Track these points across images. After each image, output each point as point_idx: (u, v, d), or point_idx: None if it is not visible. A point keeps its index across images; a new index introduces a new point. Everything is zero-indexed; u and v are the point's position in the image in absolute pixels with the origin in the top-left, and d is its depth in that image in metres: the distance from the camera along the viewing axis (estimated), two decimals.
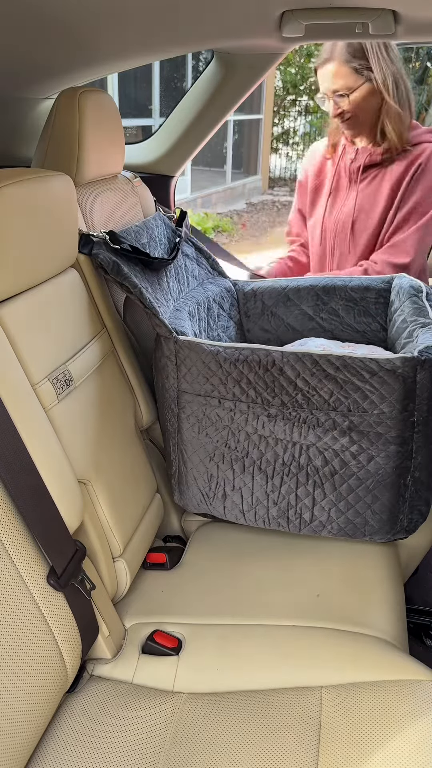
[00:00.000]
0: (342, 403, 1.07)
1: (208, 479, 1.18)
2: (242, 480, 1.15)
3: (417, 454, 1.09)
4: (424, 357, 1.05)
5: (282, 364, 1.08)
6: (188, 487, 1.21)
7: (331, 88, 1.62)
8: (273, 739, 0.85)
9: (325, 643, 1.00)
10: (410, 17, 1.31)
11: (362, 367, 1.05)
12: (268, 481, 1.14)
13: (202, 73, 1.89)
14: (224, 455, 1.15)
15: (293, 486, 1.13)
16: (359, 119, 1.67)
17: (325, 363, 1.06)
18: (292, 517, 1.15)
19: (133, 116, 7.09)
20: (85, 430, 1.05)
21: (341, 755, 0.82)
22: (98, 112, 1.26)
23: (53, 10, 1.11)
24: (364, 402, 1.06)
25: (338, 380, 1.06)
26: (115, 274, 1.15)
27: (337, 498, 1.12)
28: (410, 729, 0.83)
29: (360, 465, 1.09)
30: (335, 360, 1.06)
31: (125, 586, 1.10)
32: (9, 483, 0.81)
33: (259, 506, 1.16)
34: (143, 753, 0.86)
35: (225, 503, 1.19)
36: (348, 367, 1.06)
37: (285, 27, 1.34)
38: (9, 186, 0.90)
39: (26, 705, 0.79)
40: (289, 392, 1.09)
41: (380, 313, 1.50)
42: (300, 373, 1.07)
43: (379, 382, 1.05)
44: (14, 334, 0.93)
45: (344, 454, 1.09)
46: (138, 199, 1.56)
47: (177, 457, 1.21)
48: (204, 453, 1.17)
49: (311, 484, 1.12)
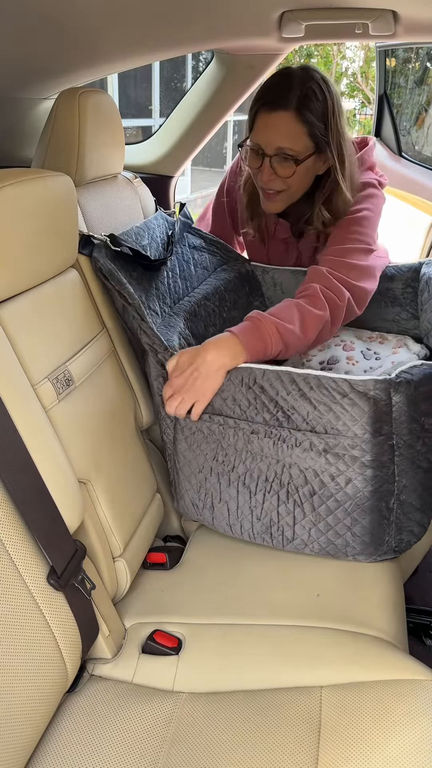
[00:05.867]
0: (318, 422, 1.04)
1: (198, 489, 1.18)
2: (228, 493, 1.15)
3: (401, 477, 1.05)
4: (399, 379, 1.02)
5: (262, 382, 1.07)
6: (182, 495, 1.22)
7: (278, 143, 1.24)
8: (273, 739, 0.85)
9: (325, 643, 1.00)
10: (410, 17, 1.31)
11: (334, 388, 1.03)
12: (251, 497, 1.13)
13: (202, 73, 1.90)
14: (212, 468, 1.15)
15: (275, 503, 1.12)
16: (291, 196, 1.34)
17: (301, 382, 1.04)
18: (275, 533, 1.14)
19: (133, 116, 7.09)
20: (85, 430, 1.05)
21: (341, 755, 0.82)
22: (98, 112, 1.26)
23: (53, 10, 1.11)
24: (338, 423, 1.03)
25: (312, 400, 1.04)
26: (115, 282, 1.14)
27: (316, 518, 1.10)
28: (410, 729, 0.83)
29: (338, 487, 1.06)
30: (311, 379, 1.04)
31: (125, 585, 1.10)
32: (9, 483, 0.81)
33: (245, 520, 1.16)
34: (143, 753, 0.86)
35: (213, 514, 1.19)
36: (321, 387, 1.03)
37: (285, 27, 1.35)
38: (9, 186, 0.90)
39: (26, 705, 0.79)
40: (270, 410, 1.07)
41: (410, 302, 1.46)
42: (278, 391, 1.06)
43: (349, 403, 1.02)
44: (14, 334, 0.93)
45: (323, 475, 1.06)
46: (138, 199, 1.56)
47: (172, 466, 1.22)
48: (195, 465, 1.17)
49: (291, 502, 1.10)
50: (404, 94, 3.07)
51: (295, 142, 1.24)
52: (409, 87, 3.05)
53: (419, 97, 3.02)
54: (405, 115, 3.01)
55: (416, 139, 2.93)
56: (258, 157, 1.28)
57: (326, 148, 1.27)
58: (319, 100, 1.23)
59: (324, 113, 1.24)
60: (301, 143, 1.24)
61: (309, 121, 1.23)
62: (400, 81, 3.03)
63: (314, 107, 1.23)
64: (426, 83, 2.98)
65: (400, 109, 3.02)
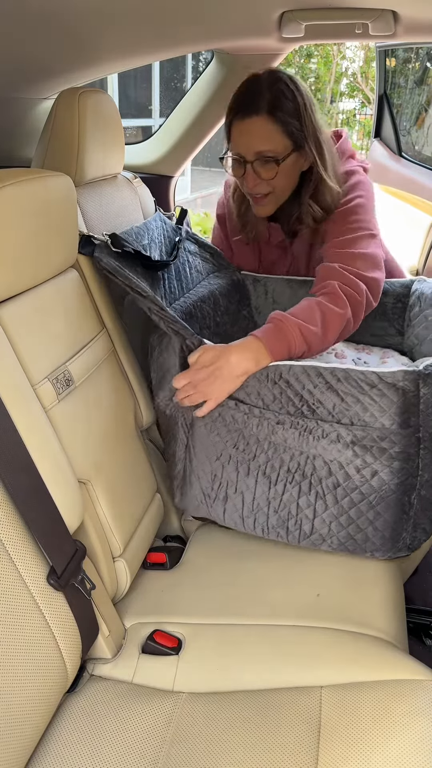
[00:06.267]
0: (345, 415, 1.06)
1: (212, 479, 1.17)
2: (245, 483, 1.14)
3: (423, 471, 1.06)
4: (428, 371, 1.03)
5: (288, 377, 1.07)
6: (191, 486, 1.20)
7: (257, 148, 1.25)
8: (273, 739, 0.85)
9: (325, 642, 1.00)
10: (410, 17, 1.31)
11: (363, 380, 1.04)
12: (270, 487, 1.13)
13: (202, 74, 1.90)
14: (231, 456, 1.14)
15: (295, 494, 1.11)
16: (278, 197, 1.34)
17: (328, 375, 1.06)
18: (291, 528, 1.14)
19: (133, 116, 7.09)
20: (85, 430, 1.05)
21: (341, 755, 0.82)
22: (98, 112, 1.26)
23: (53, 10, 1.11)
24: (365, 414, 1.05)
25: (339, 392, 1.05)
26: (123, 278, 1.14)
27: (338, 511, 1.10)
28: (410, 729, 0.83)
29: (363, 479, 1.07)
30: (339, 372, 1.05)
31: (125, 585, 1.10)
32: (9, 483, 0.81)
33: (260, 513, 1.15)
34: (143, 753, 0.86)
35: (225, 506, 1.18)
36: (349, 379, 1.05)
37: (285, 27, 1.35)
38: (9, 186, 0.90)
39: (26, 705, 0.79)
40: (295, 404, 1.08)
41: (397, 317, 1.48)
42: (305, 385, 1.07)
43: (378, 394, 1.04)
44: (14, 334, 0.93)
45: (348, 467, 1.07)
46: (138, 199, 1.56)
47: (183, 456, 1.19)
48: (212, 452, 1.15)
49: (313, 494, 1.10)
50: (404, 94, 3.07)
51: (273, 144, 1.25)
52: (409, 87, 3.05)
53: (419, 97, 3.02)
54: (405, 115, 3.01)
55: (416, 139, 2.93)
56: (240, 165, 1.29)
57: (305, 144, 1.27)
58: (290, 99, 1.24)
59: (297, 110, 1.25)
60: (279, 143, 1.25)
61: (283, 121, 1.24)
62: (400, 81, 3.03)
63: (286, 106, 1.23)
64: (426, 83, 2.98)
65: (400, 109, 3.02)
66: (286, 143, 1.25)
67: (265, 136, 1.24)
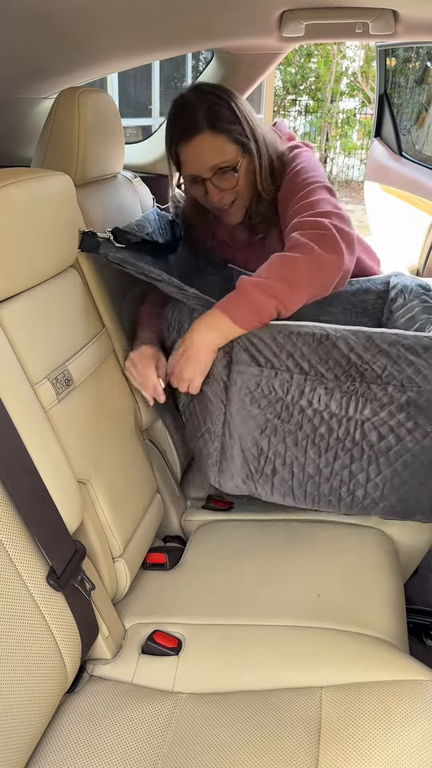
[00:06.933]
0: (395, 377, 1.06)
1: (258, 453, 1.14)
2: (294, 454, 1.13)
3: None
4: None
5: (335, 339, 1.08)
6: (232, 461, 1.16)
7: (211, 163, 1.24)
8: (273, 739, 0.85)
9: (325, 643, 1.00)
10: (410, 17, 1.31)
11: (416, 342, 1.06)
12: (321, 456, 1.12)
13: (202, 73, 1.89)
14: (276, 428, 1.12)
15: (347, 461, 1.11)
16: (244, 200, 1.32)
17: (378, 338, 1.07)
18: (344, 495, 1.13)
19: (133, 116, 7.08)
20: (84, 430, 1.05)
21: (341, 755, 0.82)
22: (98, 112, 1.26)
23: (53, 10, 1.11)
24: (417, 377, 1.05)
25: (391, 355, 1.06)
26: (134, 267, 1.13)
27: (392, 474, 1.10)
28: (410, 729, 0.83)
29: (415, 441, 1.07)
30: (389, 335, 1.06)
31: (125, 586, 1.10)
32: (9, 483, 0.81)
33: (310, 482, 1.13)
34: (143, 753, 0.86)
35: (273, 479, 1.15)
36: (401, 343, 1.06)
37: (285, 27, 1.35)
38: (9, 186, 0.90)
39: (26, 705, 0.79)
40: (342, 365, 1.08)
41: (377, 312, 1.49)
42: (353, 347, 1.07)
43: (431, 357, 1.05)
44: (14, 334, 0.93)
45: (400, 430, 1.08)
46: (138, 198, 1.56)
47: (221, 431, 1.16)
48: (254, 425, 1.13)
49: (366, 459, 1.10)
50: (404, 93, 3.07)
51: (225, 154, 1.24)
52: (409, 86, 3.05)
53: (419, 97, 3.02)
54: (405, 115, 3.01)
55: (416, 138, 2.93)
56: (199, 185, 1.29)
57: (250, 143, 1.26)
58: (224, 107, 1.24)
59: (233, 114, 1.24)
60: (230, 152, 1.25)
61: (226, 129, 1.23)
62: (400, 80, 3.03)
63: (223, 115, 1.23)
64: (426, 83, 2.98)
65: (401, 108, 3.02)
66: (236, 149, 1.25)
67: (215, 150, 1.24)
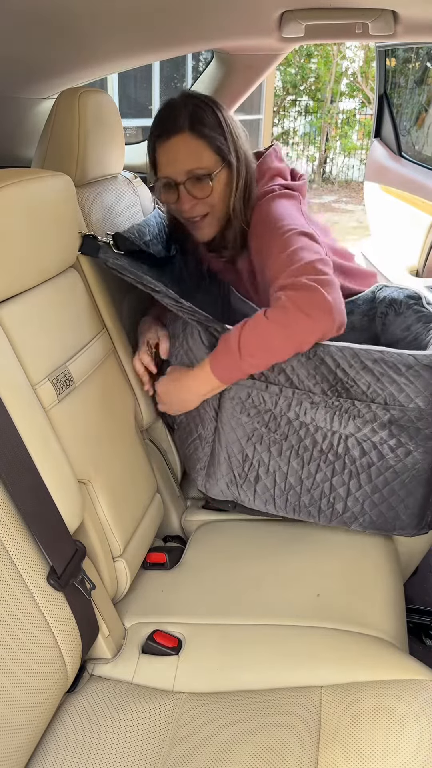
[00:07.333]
0: (378, 395, 1.08)
1: (243, 459, 1.17)
2: (278, 463, 1.16)
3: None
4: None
5: (323, 354, 1.09)
6: (219, 466, 1.19)
7: (187, 167, 1.19)
8: (273, 739, 0.85)
9: (325, 643, 1.00)
10: (410, 17, 1.31)
11: (399, 361, 1.07)
12: (304, 467, 1.14)
13: (202, 74, 1.90)
14: (263, 437, 1.15)
15: (329, 474, 1.13)
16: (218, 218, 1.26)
17: (364, 355, 1.08)
18: (323, 507, 1.15)
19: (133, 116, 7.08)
20: (85, 430, 1.05)
21: (341, 755, 0.82)
22: (98, 112, 1.26)
23: (53, 11, 1.11)
24: (400, 395, 1.07)
25: (375, 372, 1.07)
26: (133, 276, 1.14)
27: (372, 490, 1.12)
28: (410, 729, 0.83)
29: (397, 458, 1.10)
30: (374, 353, 1.08)
31: (125, 585, 1.10)
32: (9, 482, 0.81)
33: (291, 492, 1.16)
34: (143, 753, 0.86)
35: (256, 486, 1.18)
36: (385, 360, 1.07)
37: (285, 27, 1.35)
38: (9, 186, 0.90)
39: (26, 705, 0.79)
40: (329, 381, 1.10)
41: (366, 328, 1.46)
42: (339, 363, 1.09)
43: (414, 375, 1.06)
44: (14, 334, 0.93)
45: (382, 447, 1.10)
46: (138, 199, 1.56)
47: (212, 437, 1.19)
48: (242, 432, 1.16)
49: (347, 473, 1.12)
50: (404, 93, 3.07)
51: (201, 159, 1.20)
52: (409, 87, 3.06)
53: (419, 97, 3.02)
54: (405, 115, 3.01)
55: (416, 138, 2.93)
56: (172, 189, 1.23)
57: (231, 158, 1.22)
58: (209, 113, 1.21)
59: (218, 123, 1.21)
60: (207, 159, 1.20)
61: (207, 135, 1.20)
62: (400, 81, 3.03)
63: (207, 120, 1.20)
64: (426, 83, 2.98)
65: (400, 108, 3.02)
66: (214, 158, 1.21)
67: (191, 153, 1.19)
